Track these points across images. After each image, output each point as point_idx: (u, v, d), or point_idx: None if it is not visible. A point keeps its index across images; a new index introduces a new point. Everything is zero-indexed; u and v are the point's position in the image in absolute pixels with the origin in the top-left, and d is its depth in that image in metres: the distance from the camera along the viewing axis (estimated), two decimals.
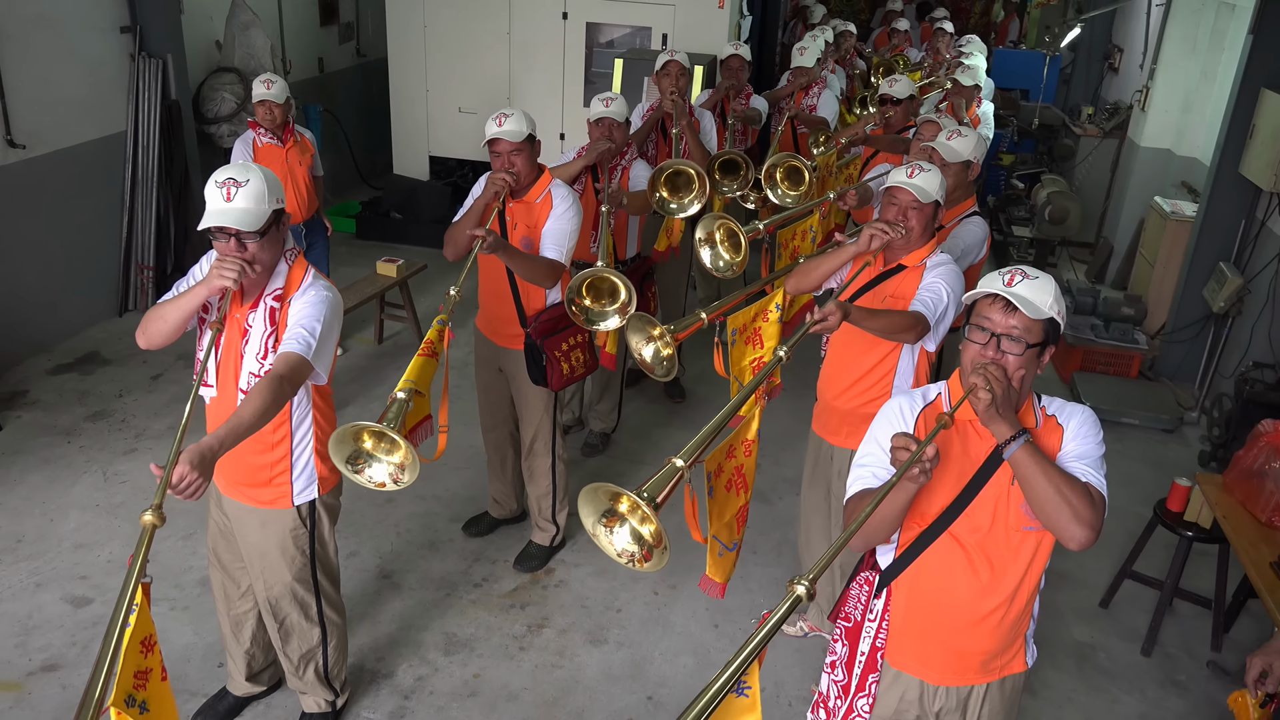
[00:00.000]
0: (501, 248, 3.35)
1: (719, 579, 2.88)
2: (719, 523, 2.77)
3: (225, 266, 2.45)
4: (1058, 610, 4.07)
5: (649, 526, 2.09)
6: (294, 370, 2.50)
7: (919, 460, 1.93)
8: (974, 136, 3.74)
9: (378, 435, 2.58)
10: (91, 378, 5.49)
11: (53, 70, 5.51)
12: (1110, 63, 9.66)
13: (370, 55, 9.10)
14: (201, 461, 2.18)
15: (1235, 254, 5.84)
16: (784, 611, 1.68)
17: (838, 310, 2.64)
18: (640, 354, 3.04)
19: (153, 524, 2.01)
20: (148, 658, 1.98)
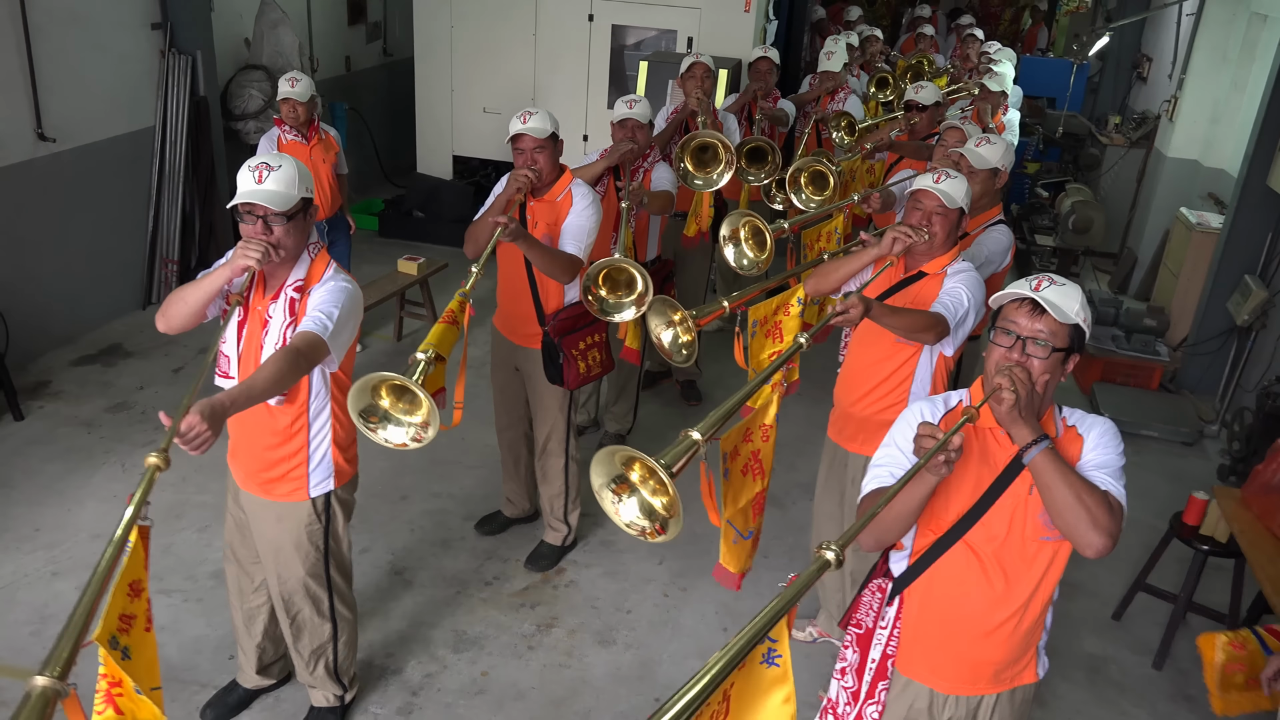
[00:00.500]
0: (522, 236, 3.37)
1: (733, 569, 2.84)
2: (733, 508, 2.74)
3: (250, 247, 2.49)
4: (1070, 621, 4.03)
5: (661, 499, 2.07)
6: (310, 346, 2.51)
7: (944, 449, 1.92)
8: (1002, 144, 3.72)
9: (397, 392, 2.61)
10: (114, 370, 5.55)
11: (83, 65, 5.58)
12: (1139, 72, 9.58)
13: (397, 55, 9.16)
14: (212, 414, 2.17)
15: (1261, 267, 5.78)
16: (811, 574, 1.68)
17: (860, 303, 2.64)
18: (659, 338, 3.01)
19: (156, 466, 2.00)
20: (134, 602, 1.98)
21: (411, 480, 4.67)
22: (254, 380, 2.40)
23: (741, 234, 3.57)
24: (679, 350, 3.02)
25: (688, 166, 4.48)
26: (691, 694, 1.43)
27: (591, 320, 3.81)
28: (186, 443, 2.13)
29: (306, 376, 2.70)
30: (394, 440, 2.63)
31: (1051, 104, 9.85)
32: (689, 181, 4.48)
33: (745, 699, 1.64)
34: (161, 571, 3.91)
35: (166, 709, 3.24)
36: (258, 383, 2.39)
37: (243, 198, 2.51)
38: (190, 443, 2.14)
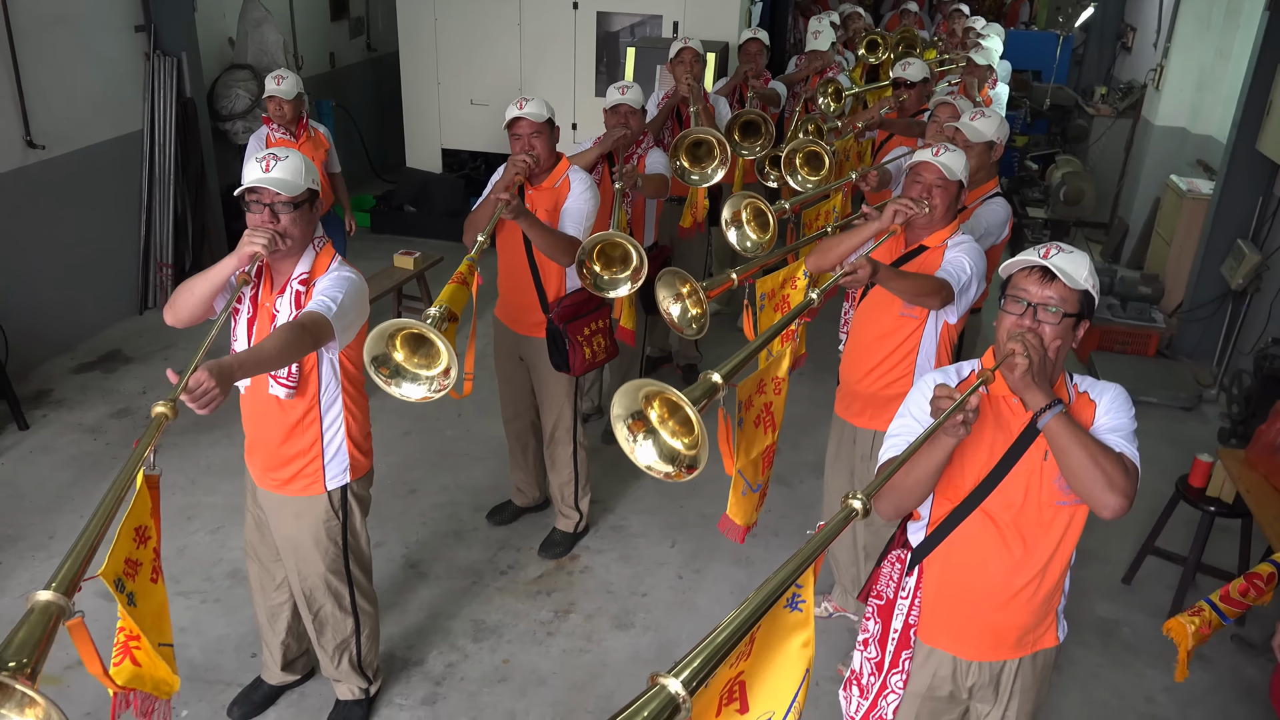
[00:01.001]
0: (523, 214, 3.38)
1: (739, 521, 2.85)
2: (745, 458, 2.76)
3: (257, 234, 2.50)
4: (1081, 587, 4.08)
5: (683, 440, 2.09)
6: (314, 323, 2.52)
7: (961, 409, 1.95)
8: (997, 118, 3.74)
9: (413, 345, 2.63)
10: (115, 376, 5.54)
11: (69, 70, 5.55)
12: (1123, 42, 9.61)
13: (381, 49, 9.12)
14: (220, 374, 2.18)
15: (1253, 231, 5.82)
16: (838, 522, 1.71)
17: (868, 264, 2.67)
18: (668, 312, 3.01)
19: (163, 414, 2.02)
20: (139, 549, 2.00)
21: (420, 474, 4.69)
22: (261, 347, 2.43)
23: (744, 216, 3.58)
24: (689, 323, 2.99)
25: (683, 163, 4.48)
26: (728, 630, 1.47)
27: (595, 306, 3.83)
28: (195, 400, 2.13)
29: (316, 370, 2.72)
30: (413, 395, 2.65)
31: (1037, 77, 9.88)
32: (685, 178, 4.49)
33: (768, 641, 1.68)
34: (178, 574, 3.92)
35: (193, 709, 3.29)
36: (265, 349, 2.41)
37: (250, 182, 2.53)
38: (198, 400, 2.13)
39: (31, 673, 1.53)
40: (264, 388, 2.68)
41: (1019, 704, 2.43)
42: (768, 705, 1.68)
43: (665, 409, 2.08)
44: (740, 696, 1.66)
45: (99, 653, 1.77)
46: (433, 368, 2.64)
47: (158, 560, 2.09)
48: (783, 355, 2.81)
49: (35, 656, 1.55)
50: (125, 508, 2.00)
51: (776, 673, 1.69)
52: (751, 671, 1.67)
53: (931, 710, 2.46)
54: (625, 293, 3.60)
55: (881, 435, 3.21)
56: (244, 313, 2.68)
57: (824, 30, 6.23)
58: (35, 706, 1.53)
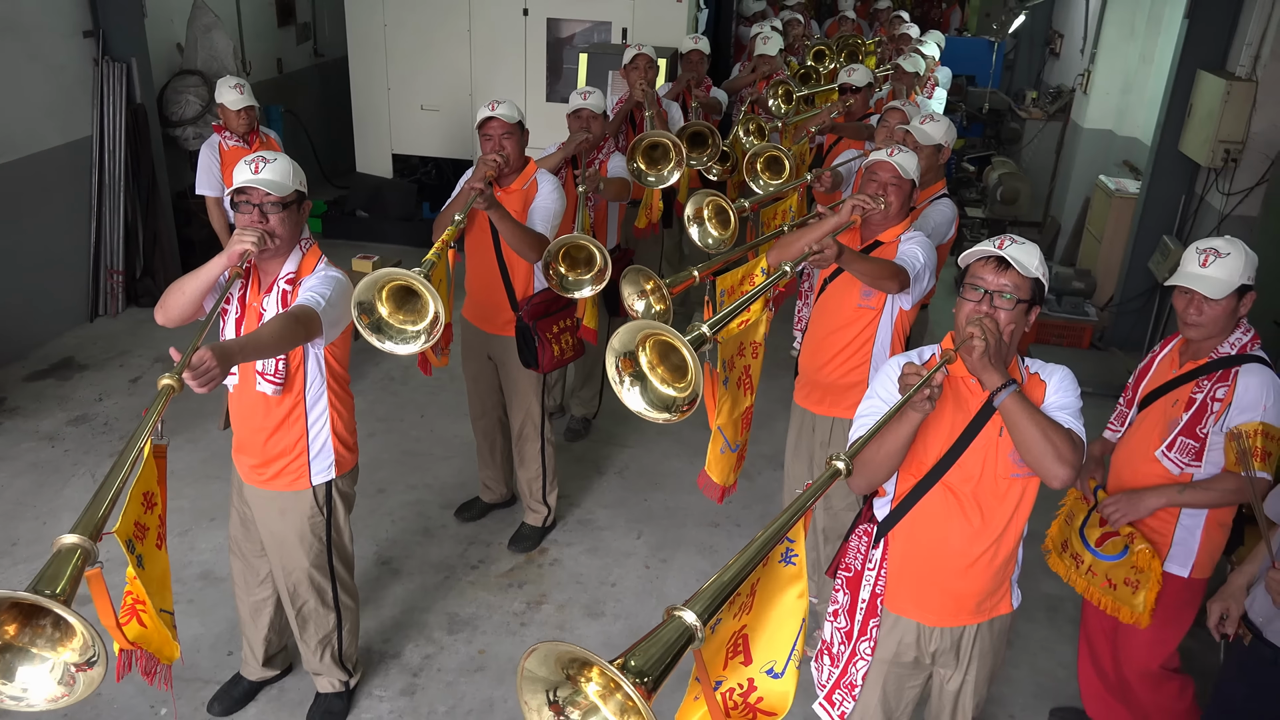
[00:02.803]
0: (495, 205, 3.45)
1: (717, 479, 2.96)
2: (727, 417, 2.88)
3: (246, 232, 2.58)
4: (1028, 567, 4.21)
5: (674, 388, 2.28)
6: (306, 315, 2.60)
7: (928, 384, 2.11)
8: (945, 122, 3.94)
9: (398, 300, 2.73)
10: (69, 383, 5.49)
11: (17, 76, 5.50)
12: (1051, 48, 9.99)
13: (328, 55, 9.12)
14: (222, 354, 2.26)
15: (1177, 227, 6.14)
16: (823, 481, 1.85)
17: (834, 245, 2.84)
18: (633, 308, 3.13)
19: (170, 387, 2.11)
20: (147, 514, 2.10)
21: (386, 474, 4.74)
22: (258, 333, 2.51)
23: (705, 213, 3.71)
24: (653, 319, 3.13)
25: (640, 165, 4.60)
26: (727, 576, 1.60)
27: (564, 305, 3.94)
28: (196, 376, 2.19)
29: (302, 368, 2.79)
30: (401, 351, 2.75)
31: (971, 81, 10.22)
32: (642, 179, 4.60)
33: (766, 593, 1.82)
34: None
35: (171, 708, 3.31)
36: (261, 335, 2.50)
37: (241, 183, 2.61)
38: (199, 377, 2.20)
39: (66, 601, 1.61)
40: (251, 385, 2.75)
41: (978, 667, 2.61)
42: (769, 655, 1.82)
43: (655, 354, 2.22)
44: (744, 649, 1.80)
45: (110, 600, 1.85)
46: (417, 323, 2.74)
47: (163, 527, 2.19)
48: (760, 321, 2.96)
49: (67, 589, 1.63)
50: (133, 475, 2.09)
51: (775, 625, 1.83)
52: (753, 625, 1.81)
53: (897, 676, 2.62)
54: (589, 294, 3.72)
55: (840, 421, 3.41)
56: (232, 313, 2.74)
57: (772, 37, 6.41)
58: (72, 636, 1.61)
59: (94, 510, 1.79)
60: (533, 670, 1.51)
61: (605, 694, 1.55)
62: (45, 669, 1.71)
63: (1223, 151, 5.46)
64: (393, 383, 5.68)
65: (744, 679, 1.90)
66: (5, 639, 1.69)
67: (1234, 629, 2.73)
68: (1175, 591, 2.95)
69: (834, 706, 2.61)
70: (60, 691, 1.71)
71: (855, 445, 2.03)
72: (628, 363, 2.27)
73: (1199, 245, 2.80)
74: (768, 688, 1.89)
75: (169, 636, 2.20)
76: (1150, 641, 3.05)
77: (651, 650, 1.48)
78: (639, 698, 1.39)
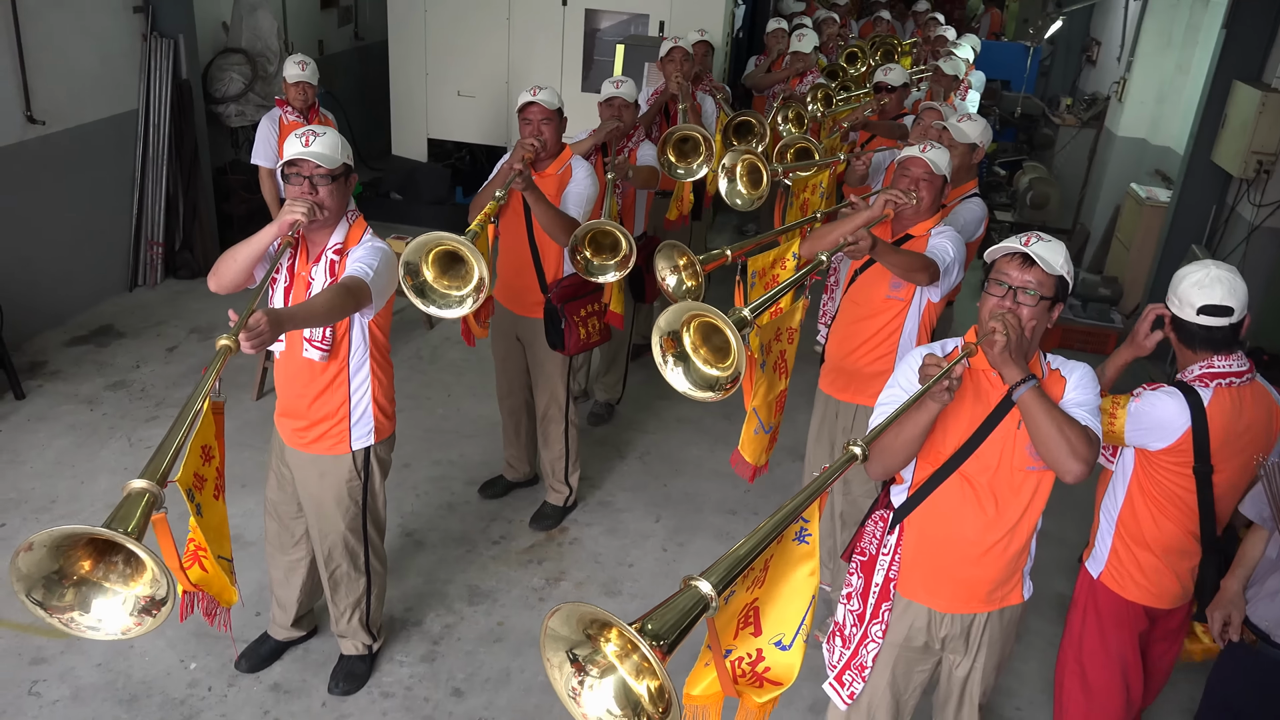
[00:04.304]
0: (531, 186, 3.53)
1: (750, 459, 3.04)
2: (762, 399, 2.96)
3: (297, 204, 2.68)
4: (1041, 566, 4.26)
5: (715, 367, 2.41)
6: (356, 286, 2.70)
7: (948, 376, 2.17)
8: (982, 122, 4.00)
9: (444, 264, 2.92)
10: (107, 350, 5.63)
11: (69, 48, 5.64)
12: (1088, 55, 9.97)
13: (368, 39, 9.24)
14: (274, 320, 2.35)
15: (1207, 237, 6.14)
16: (840, 464, 1.92)
17: (868, 237, 2.91)
18: (664, 282, 3.20)
19: (227, 347, 2.21)
20: (205, 466, 2.23)
21: (412, 449, 4.84)
22: (310, 303, 2.62)
23: (738, 170, 3.77)
24: (684, 295, 3.18)
25: (670, 158, 4.66)
26: (742, 550, 1.67)
27: (592, 289, 4.02)
28: (250, 338, 2.28)
29: (348, 336, 2.89)
30: (444, 314, 2.96)
31: (1006, 86, 10.21)
32: (671, 172, 4.68)
33: (779, 571, 1.89)
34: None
35: (201, 662, 3.45)
36: (313, 306, 2.60)
37: (292, 155, 2.71)
38: (253, 337, 2.29)
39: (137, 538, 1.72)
40: (299, 351, 2.85)
41: (986, 655, 2.66)
42: (778, 628, 1.89)
43: (699, 336, 2.32)
44: (754, 620, 1.88)
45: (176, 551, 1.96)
46: (461, 289, 2.90)
47: (220, 479, 2.31)
48: (796, 308, 3.04)
49: (138, 528, 1.73)
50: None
51: (786, 599, 1.90)
52: (764, 598, 1.88)
53: (907, 660, 2.68)
54: (613, 278, 3.80)
55: (864, 409, 3.47)
56: (281, 282, 2.84)
57: (808, 34, 6.45)
58: (142, 572, 1.73)
59: (159, 460, 1.90)
60: (555, 629, 1.60)
61: (622, 655, 1.63)
62: (118, 602, 1.82)
63: (1255, 162, 5.47)
64: (421, 361, 5.79)
65: (753, 649, 1.98)
66: (81, 574, 1.80)
67: (1237, 635, 2.73)
68: (1089, 588, 2.94)
69: (844, 687, 2.68)
70: (133, 622, 1.82)
71: (873, 432, 2.10)
72: (671, 342, 2.36)
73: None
74: (775, 659, 1.97)
75: (228, 582, 2.32)
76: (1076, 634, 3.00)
77: (668, 616, 1.56)
78: (654, 658, 1.46)
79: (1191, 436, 2.64)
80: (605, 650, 1.63)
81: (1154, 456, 2.71)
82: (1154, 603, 2.87)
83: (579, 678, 1.61)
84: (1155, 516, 2.77)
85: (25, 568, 1.75)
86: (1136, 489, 2.79)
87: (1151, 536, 2.79)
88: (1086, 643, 2.98)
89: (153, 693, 3.34)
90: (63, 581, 1.80)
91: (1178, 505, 2.74)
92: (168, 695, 3.33)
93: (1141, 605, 2.87)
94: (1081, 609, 3.00)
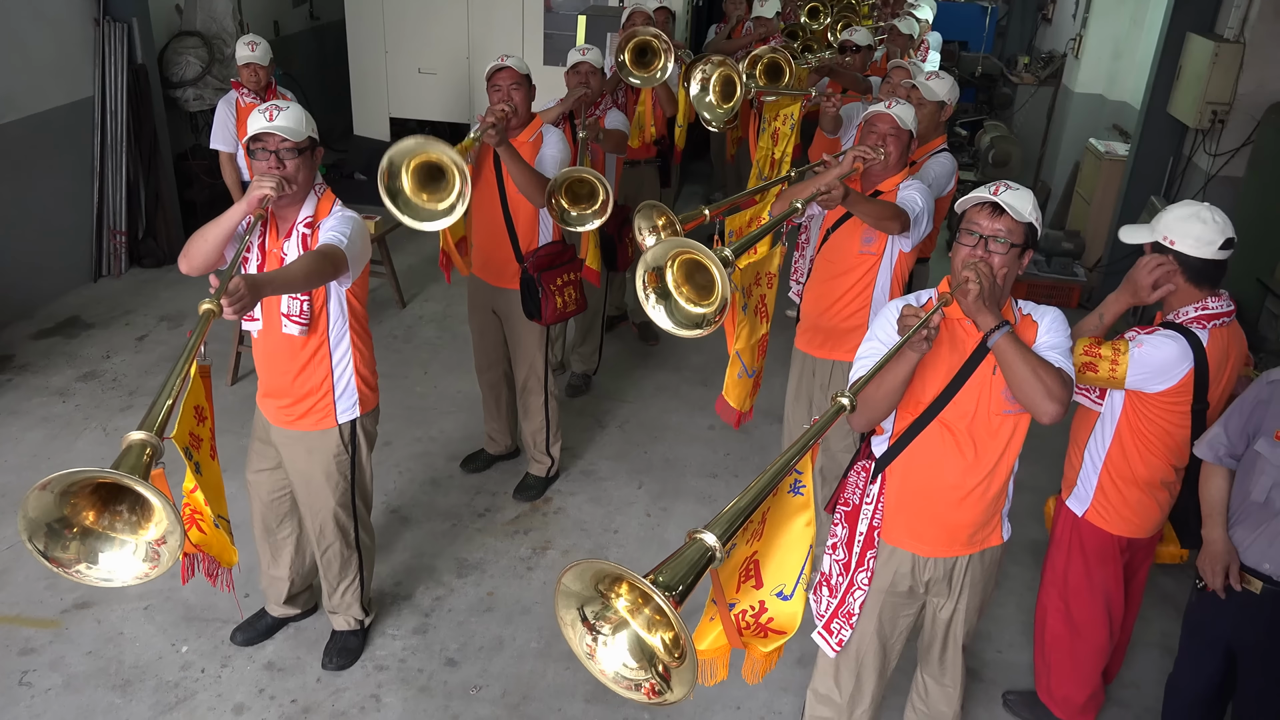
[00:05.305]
0: (505, 143, 3.54)
1: (734, 404, 3.08)
2: (745, 342, 3.00)
3: (265, 179, 2.67)
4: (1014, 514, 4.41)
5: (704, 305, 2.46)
6: (333, 252, 2.71)
7: (926, 325, 2.23)
8: (950, 80, 4.07)
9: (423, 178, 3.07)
10: (76, 341, 5.57)
11: (22, 35, 5.52)
12: (1044, 14, 10.05)
13: (324, 18, 9.11)
14: (252, 284, 2.36)
15: (1165, 188, 6.26)
16: (829, 416, 1.96)
17: (840, 186, 2.94)
18: (643, 242, 3.23)
19: (211, 310, 2.22)
20: (200, 426, 2.27)
21: (393, 427, 4.85)
22: (288, 268, 2.62)
23: (712, 82, 3.78)
24: None
25: (626, 62, 4.62)
26: (743, 503, 1.71)
27: (568, 259, 4.04)
28: (231, 302, 2.29)
29: (325, 309, 2.89)
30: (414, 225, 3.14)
31: (965, 47, 10.29)
32: (625, 76, 4.66)
33: (776, 523, 1.94)
34: None
35: (193, 644, 3.46)
36: (292, 270, 2.61)
37: (256, 130, 2.70)
38: (234, 302, 2.29)
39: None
40: (278, 328, 2.85)
41: (969, 597, 2.74)
42: (779, 579, 1.95)
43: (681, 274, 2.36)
44: (755, 574, 1.93)
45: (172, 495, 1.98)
46: (437, 205, 3.01)
47: (214, 440, 2.32)
48: (775, 254, 3.08)
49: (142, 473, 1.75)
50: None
51: (784, 550, 1.96)
52: (764, 551, 1.93)
53: (893, 605, 2.75)
54: (592, 227, 3.85)
55: (840, 364, 3.54)
56: (253, 260, 2.84)
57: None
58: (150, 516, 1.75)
59: (154, 414, 1.91)
60: (568, 585, 1.63)
61: (634, 609, 1.66)
62: (128, 551, 1.84)
63: (1210, 113, 5.57)
64: (396, 340, 5.78)
65: (755, 601, 2.03)
66: (86, 524, 1.82)
67: (1239, 583, 2.74)
68: (1072, 527, 3.03)
69: (832, 635, 2.75)
70: (147, 567, 1.84)
71: (858, 383, 2.14)
72: (654, 278, 2.39)
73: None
74: (778, 609, 2.02)
75: (227, 542, 2.35)
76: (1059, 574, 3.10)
77: (677, 568, 1.59)
78: (669, 607, 1.50)
79: (1193, 378, 2.73)
80: (616, 606, 1.66)
81: (1150, 397, 2.79)
82: (1137, 534, 2.99)
83: (591, 635, 1.64)
84: (1144, 454, 2.87)
85: (33, 510, 1.78)
86: (1126, 429, 2.86)
87: (1140, 473, 2.89)
88: (1071, 580, 3.07)
89: (146, 677, 3.35)
90: (65, 532, 1.82)
91: (1166, 442, 2.84)
92: (161, 679, 3.34)
93: (1127, 538, 2.98)
94: (1066, 548, 3.09)
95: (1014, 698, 3.48)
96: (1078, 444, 3.03)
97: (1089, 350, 2.76)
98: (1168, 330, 2.77)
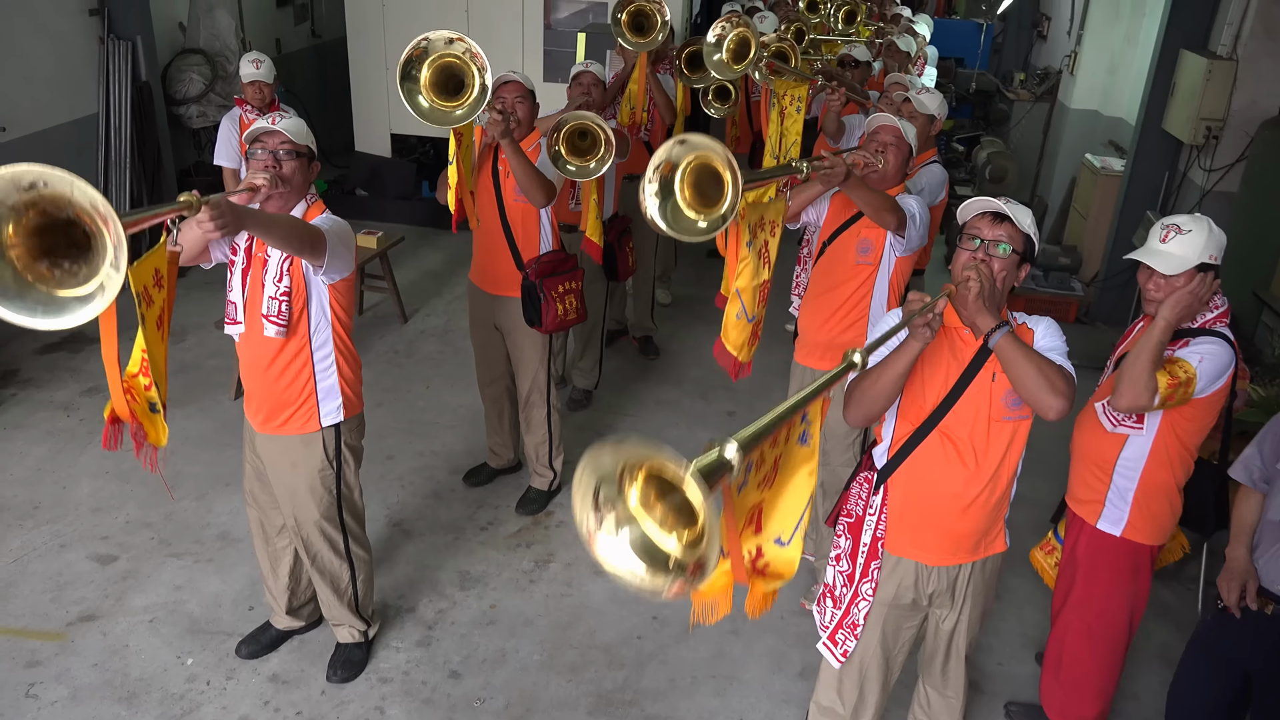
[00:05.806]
0: (508, 136, 3.57)
1: (732, 349, 2.98)
2: (747, 282, 2.94)
3: (259, 172, 2.72)
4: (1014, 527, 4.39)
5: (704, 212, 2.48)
6: (316, 229, 2.73)
7: (930, 310, 2.27)
8: (939, 96, 4.20)
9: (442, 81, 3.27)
10: (80, 355, 5.60)
11: (27, 53, 5.58)
12: (1039, 30, 10.14)
13: (325, 36, 9.19)
14: (234, 210, 2.37)
15: (1161, 203, 6.32)
16: (839, 371, 1.97)
17: (842, 164, 2.98)
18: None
19: (188, 202, 2.24)
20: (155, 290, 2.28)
21: (395, 441, 4.88)
22: (273, 215, 2.65)
23: (727, 40, 3.82)
24: None
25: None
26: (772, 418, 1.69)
27: (569, 268, 4.08)
28: (211, 214, 2.29)
29: (306, 310, 2.91)
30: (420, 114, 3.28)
31: (960, 63, 10.37)
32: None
33: (785, 470, 1.97)
34: (169, 537, 4.08)
35: (198, 657, 3.48)
36: (274, 218, 2.64)
37: (258, 129, 2.77)
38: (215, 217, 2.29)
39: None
40: (259, 331, 2.88)
41: (971, 606, 2.77)
42: (777, 528, 1.98)
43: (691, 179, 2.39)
44: (757, 520, 1.96)
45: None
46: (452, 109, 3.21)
47: (166, 313, 2.36)
48: (780, 202, 3.06)
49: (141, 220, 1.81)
50: None
51: (786, 499, 1.99)
52: (769, 500, 1.97)
53: (896, 617, 2.78)
54: (592, 176, 3.90)
55: None
56: (239, 263, 2.87)
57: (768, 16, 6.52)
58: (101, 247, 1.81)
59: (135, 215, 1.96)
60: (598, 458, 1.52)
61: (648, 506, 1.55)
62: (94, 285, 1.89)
63: (1204, 129, 5.63)
64: (397, 355, 5.81)
65: (753, 546, 2.04)
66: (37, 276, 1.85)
67: (1254, 602, 2.75)
68: (1103, 548, 3.02)
69: (837, 646, 2.77)
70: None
71: (871, 343, 2.17)
72: (668, 167, 2.38)
73: (1164, 221, 2.81)
74: (774, 554, 2.04)
75: (160, 422, 2.40)
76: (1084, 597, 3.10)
77: (702, 462, 1.50)
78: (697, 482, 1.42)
79: (1233, 374, 2.80)
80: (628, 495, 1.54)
81: (1194, 403, 2.79)
82: (1166, 539, 3.04)
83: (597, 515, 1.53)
84: (1185, 460, 2.91)
85: None
86: (1170, 436, 2.86)
87: (1179, 478, 2.93)
88: (1099, 600, 3.07)
89: (151, 689, 3.36)
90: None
91: (1203, 440, 2.90)
92: (167, 691, 3.36)
93: (1158, 545, 3.02)
94: (1092, 569, 3.07)
95: (1016, 709, 3.50)
96: (1101, 466, 2.98)
97: (1171, 384, 2.69)
98: (1207, 337, 2.80)
